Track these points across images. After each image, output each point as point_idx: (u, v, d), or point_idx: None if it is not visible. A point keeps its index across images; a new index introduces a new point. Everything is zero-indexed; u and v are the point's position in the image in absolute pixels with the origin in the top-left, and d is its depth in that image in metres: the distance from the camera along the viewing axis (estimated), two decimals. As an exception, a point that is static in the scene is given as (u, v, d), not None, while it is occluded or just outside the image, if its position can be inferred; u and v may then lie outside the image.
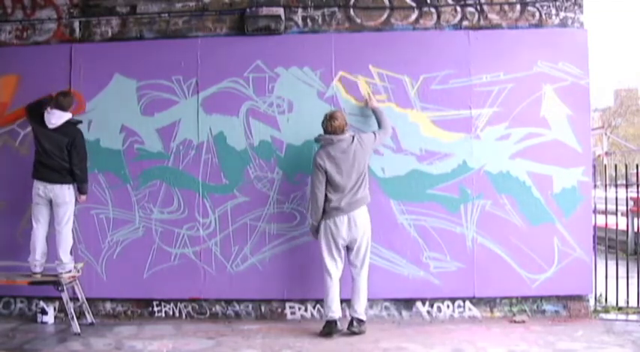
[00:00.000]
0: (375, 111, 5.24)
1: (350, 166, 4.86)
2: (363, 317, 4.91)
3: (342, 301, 4.97)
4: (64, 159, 5.12)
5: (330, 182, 4.88)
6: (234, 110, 5.46)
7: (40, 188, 5.12)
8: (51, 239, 5.22)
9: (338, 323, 4.88)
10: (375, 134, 5.08)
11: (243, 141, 5.45)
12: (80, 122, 5.30)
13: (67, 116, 5.14)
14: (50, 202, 5.17)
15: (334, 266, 4.92)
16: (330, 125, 4.91)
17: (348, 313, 4.99)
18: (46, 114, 5.09)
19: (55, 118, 5.08)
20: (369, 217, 4.96)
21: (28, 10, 5.68)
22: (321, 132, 5.01)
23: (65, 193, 5.16)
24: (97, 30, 5.65)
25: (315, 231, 5.01)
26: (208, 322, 5.38)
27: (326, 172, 4.86)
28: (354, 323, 4.87)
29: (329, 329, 4.85)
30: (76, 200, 5.27)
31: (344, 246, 4.93)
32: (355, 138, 4.93)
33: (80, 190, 5.25)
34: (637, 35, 50.71)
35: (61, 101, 5.15)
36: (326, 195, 4.89)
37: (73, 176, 5.18)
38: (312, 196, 4.94)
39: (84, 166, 5.22)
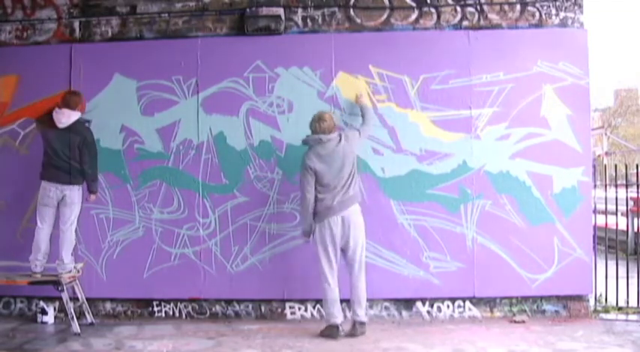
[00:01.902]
0: (362, 107, 5.23)
1: (340, 164, 4.81)
2: (364, 319, 4.89)
3: (341, 301, 4.95)
4: (74, 159, 5.12)
5: (319, 182, 4.82)
6: (234, 110, 5.46)
7: (52, 189, 5.11)
8: (53, 239, 5.22)
9: (340, 326, 4.85)
10: (359, 131, 5.05)
11: (243, 141, 5.45)
12: (89, 121, 5.30)
13: (76, 115, 5.14)
14: (58, 203, 5.17)
15: (331, 270, 4.84)
16: (319, 126, 4.88)
17: (347, 313, 4.98)
18: (54, 114, 5.09)
19: (65, 117, 5.08)
20: (362, 217, 4.92)
21: (28, 10, 5.69)
22: (309, 133, 4.97)
23: (75, 194, 5.18)
24: (97, 30, 5.65)
25: (308, 234, 4.95)
26: (208, 322, 5.38)
27: (316, 173, 4.80)
28: (356, 327, 4.83)
29: (330, 332, 4.80)
30: (84, 200, 5.28)
31: (339, 248, 4.87)
32: (342, 137, 4.89)
33: (90, 189, 5.26)
34: (637, 35, 50.67)
35: (68, 99, 5.15)
36: (317, 196, 4.82)
37: (83, 176, 5.19)
38: (303, 199, 4.87)
39: (95, 164, 5.22)
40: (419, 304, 5.42)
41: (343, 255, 4.92)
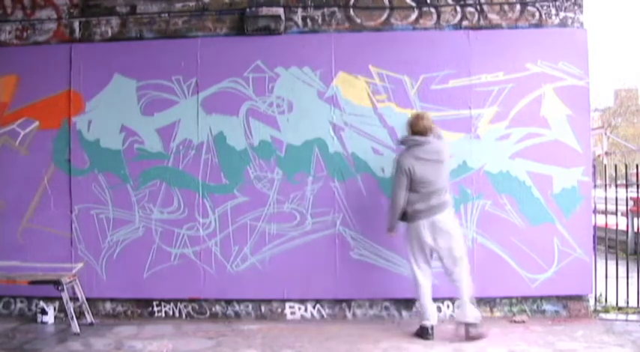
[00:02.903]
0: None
1: (438, 168, 4.72)
2: (470, 320, 4.65)
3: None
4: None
5: (416, 183, 4.69)
6: (234, 110, 5.46)
7: None
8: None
9: (431, 328, 4.75)
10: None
11: (243, 141, 5.45)
12: None
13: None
14: None
15: (421, 271, 4.80)
16: (422, 124, 4.76)
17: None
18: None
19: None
20: (456, 220, 4.89)
21: (28, 10, 5.69)
22: (405, 134, 4.89)
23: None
24: (97, 30, 5.65)
25: (392, 229, 4.91)
26: (208, 322, 5.39)
27: (413, 175, 4.68)
28: (468, 329, 4.66)
29: (421, 332, 4.77)
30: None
31: (431, 250, 4.79)
32: (443, 144, 4.85)
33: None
34: (637, 35, 50.65)
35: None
36: (409, 198, 4.73)
37: None
38: (394, 198, 4.78)
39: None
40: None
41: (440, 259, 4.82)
